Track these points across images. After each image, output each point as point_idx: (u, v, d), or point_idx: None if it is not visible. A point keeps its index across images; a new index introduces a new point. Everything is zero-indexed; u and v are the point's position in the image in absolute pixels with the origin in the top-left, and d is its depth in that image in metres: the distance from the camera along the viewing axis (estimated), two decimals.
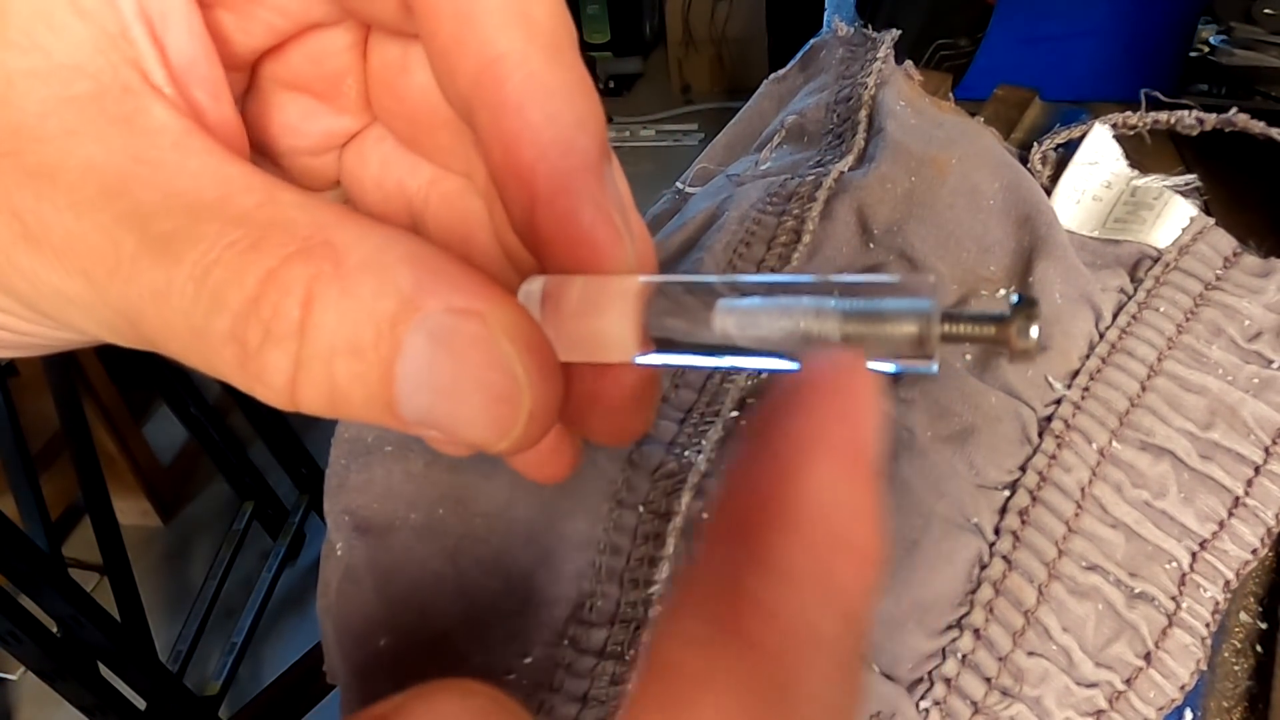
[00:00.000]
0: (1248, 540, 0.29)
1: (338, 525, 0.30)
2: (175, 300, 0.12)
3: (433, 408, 0.12)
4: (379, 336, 0.12)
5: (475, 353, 0.12)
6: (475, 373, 0.12)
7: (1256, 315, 0.32)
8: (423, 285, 0.12)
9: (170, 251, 0.12)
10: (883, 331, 0.12)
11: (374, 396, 0.12)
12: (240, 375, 0.12)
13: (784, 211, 0.37)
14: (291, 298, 0.12)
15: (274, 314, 0.12)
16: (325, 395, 0.12)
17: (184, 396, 1.23)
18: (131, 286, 0.12)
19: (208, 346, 0.12)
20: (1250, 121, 0.36)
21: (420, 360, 0.12)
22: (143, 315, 0.12)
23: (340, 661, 0.29)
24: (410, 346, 0.12)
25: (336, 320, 0.12)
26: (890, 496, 0.29)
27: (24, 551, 0.82)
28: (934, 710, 0.27)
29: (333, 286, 0.12)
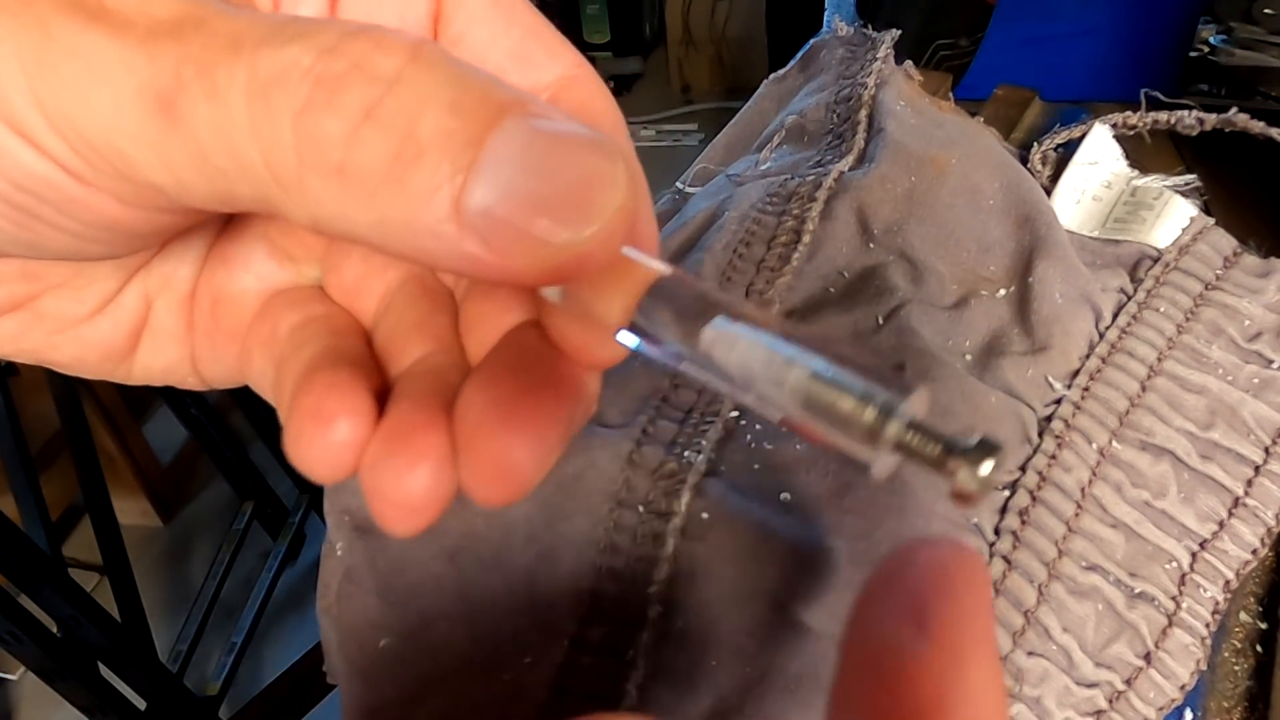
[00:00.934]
0: (1248, 540, 0.29)
1: (338, 525, 0.30)
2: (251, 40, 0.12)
3: (515, 184, 0.11)
4: (483, 104, 0.12)
5: (576, 142, 0.12)
6: (574, 153, 0.12)
7: (1256, 315, 0.32)
8: (528, 98, 0.12)
9: (282, 34, 0.12)
10: (840, 408, 0.12)
11: (451, 161, 0.11)
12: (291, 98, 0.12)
13: (784, 211, 0.37)
14: (393, 48, 0.12)
15: (373, 50, 0.11)
16: (389, 153, 0.11)
17: (184, 396, 1.23)
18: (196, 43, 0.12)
19: (276, 75, 0.11)
20: (1250, 121, 0.36)
21: (518, 138, 0.12)
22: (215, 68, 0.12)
23: (341, 662, 0.29)
24: (510, 126, 0.12)
25: (440, 80, 0.11)
26: (890, 496, 0.29)
27: (24, 551, 0.82)
28: None
29: (442, 57, 0.12)
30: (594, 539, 0.29)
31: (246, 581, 1.30)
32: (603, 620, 0.28)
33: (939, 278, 0.35)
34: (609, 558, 0.29)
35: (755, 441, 0.31)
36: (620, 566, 0.29)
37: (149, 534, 1.45)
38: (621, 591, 0.28)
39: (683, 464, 0.31)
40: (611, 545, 0.29)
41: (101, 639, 0.90)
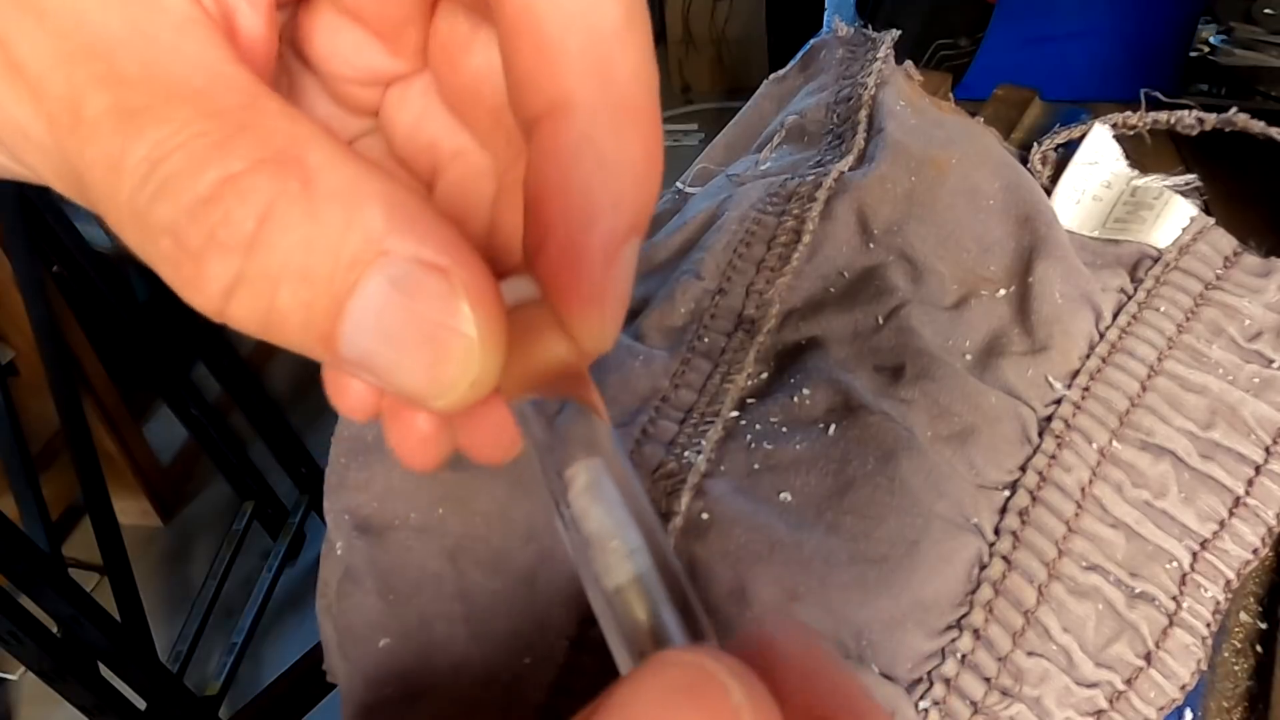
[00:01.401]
0: (1249, 540, 0.29)
1: (337, 524, 0.30)
2: (125, 176, 0.12)
3: (375, 352, 0.12)
4: (335, 269, 0.12)
5: (433, 308, 0.12)
6: (429, 327, 0.12)
7: (1257, 315, 0.32)
8: (394, 228, 0.12)
9: (134, 124, 0.12)
10: (634, 621, 0.12)
11: (314, 327, 0.12)
12: (171, 273, 0.12)
13: (784, 211, 0.37)
14: (248, 208, 0.11)
15: (224, 220, 0.11)
16: (260, 316, 0.12)
17: (184, 396, 1.23)
18: (88, 148, 0.12)
19: (144, 232, 0.12)
20: (1250, 121, 0.36)
21: (374, 303, 0.12)
22: (90, 179, 0.12)
23: (341, 661, 0.29)
24: (367, 287, 0.12)
25: (294, 244, 0.11)
26: (890, 496, 0.29)
27: (24, 551, 0.82)
28: (933, 710, 0.27)
29: (297, 207, 0.11)
30: None
31: (246, 581, 1.30)
32: None
33: (939, 278, 0.35)
34: None
35: (755, 441, 0.31)
36: None
37: (149, 534, 1.45)
38: None
39: (683, 464, 0.31)
40: None
41: (101, 639, 0.90)
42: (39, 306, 1.00)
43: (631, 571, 0.12)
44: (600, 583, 0.12)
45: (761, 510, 0.29)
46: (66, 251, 1.06)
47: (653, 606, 0.12)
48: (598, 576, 0.13)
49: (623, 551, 0.13)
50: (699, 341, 0.35)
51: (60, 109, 0.12)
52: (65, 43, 0.12)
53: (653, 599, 0.12)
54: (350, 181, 0.12)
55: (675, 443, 0.32)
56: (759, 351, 0.34)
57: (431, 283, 0.12)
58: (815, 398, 0.32)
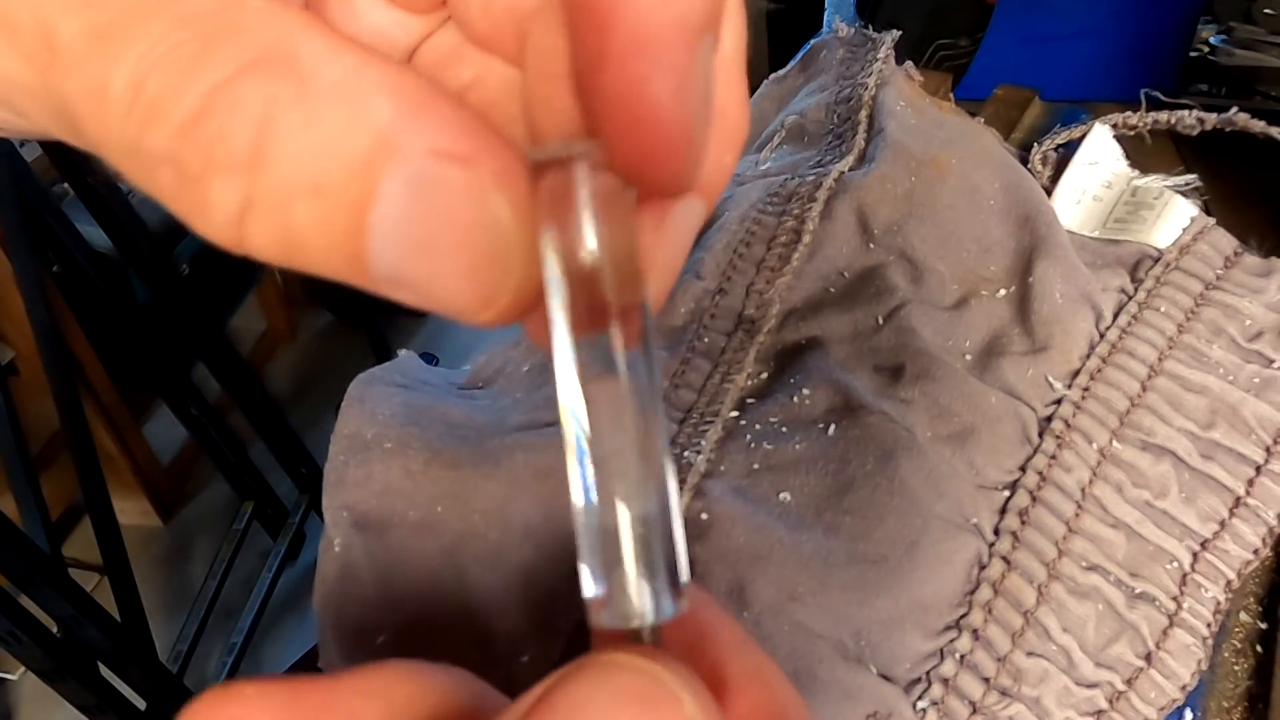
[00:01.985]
0: (1249, 540, 0.29)
1: (336, 522, 0.30)
2: (111, 105, 0.10)
3: (408, 264, 0.11)
4: (349, 177, 0.10)
5: (461, 205, 0.11)
6: (460, 228, 0.11)
7: (1257, 315, 0.32)
8: (404, 120, 0.10)
9: (108, 47, 0.10)
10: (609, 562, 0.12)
11: (339, 246, 0.11)
12: (177, 205, 0.11)
13: (784, 211, 0.37)
14: (242, 119, 0.10)
15: (219, 137, 0.10)
16: (279, 240, 0.11)
17: (184, 396, 1.23)
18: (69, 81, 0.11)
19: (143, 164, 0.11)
20: (1250, 121, 0.36)
21: (396, 208, 0.10)
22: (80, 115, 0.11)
23: (338, 658, 0.29)
24: (386, 192, 0.10)
25: (297, 153, 0.10)
26: (890, 497, 0.29)
27: (24, 551, 0.82)
28: (931, 710, 0.27)
29: (295, 111, 0.10)
30: None
31: (246, 581, 1.30)
32: None
33: (939, 278, 0.35)
34: None
35: (755, 441, 0.31)
36: None
37: (149, 534, 1.45)
38: None
39: (682, 464, 0.31)
40: None
41: (101, 639, 0.90)
42: (39, 306, 1.00)
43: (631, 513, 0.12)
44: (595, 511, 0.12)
45: (761, 510, 0.29)
46: (66, 251, 1.06)
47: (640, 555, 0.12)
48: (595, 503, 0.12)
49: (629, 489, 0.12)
50: (699, 341, 0.35)
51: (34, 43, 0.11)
52: None
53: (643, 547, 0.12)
54: (350, 72, 0.11)
55: (675, 442, 0.32)
56: (759, 351, 0.34)
57: (453, 176, 0.11)
58: (815, 398, 0.32)
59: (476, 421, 0.32)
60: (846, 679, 0.27)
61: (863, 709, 0.26)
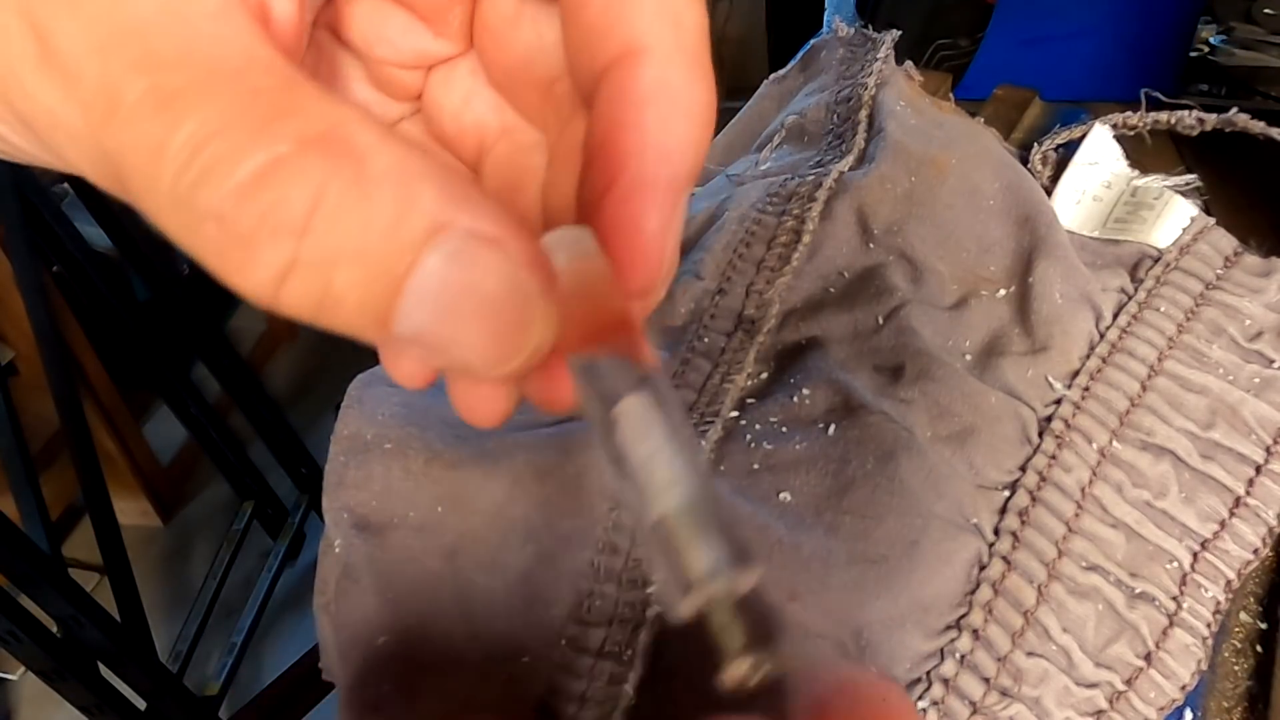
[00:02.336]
0: (1249, 540, 0.29)
1: (336, 523, 0.30)
2: (167, 162, 0.11)
3: (433, 328, 0.12)
4: (394, 250, 0.12)
5: (494, 278, 0.12)
6: (489, 299, 0.12)
7: (1257, 315, 0.32)
8: (446, 205, 0.12)
9: (174, 109, 0.11)
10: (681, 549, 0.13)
11: (370, 309, 0.12)
12: (217, 259, 0.12)
13: (784, 211, 0.37)
14: (301, 190, 0.11)
15: (277, 203, 0.11)
16: (315, 300, 0.12)
17: (184, 396, 1.23)
18: (126, 135, 0.12)
19: (187, 219, 0.12)
20: (1250, 121, 0.36)
21: (434, 280, 0.12)
22: (130, 167, 0.12)
23: (338, 659, 0.29)
24: (427, 264, 0.12)
25: (350, 226, 0.11)
26: (890, 497, 0.29)
27: (24, 551, 0.82)
28: (931, 710, 0.27)
29: (351, 189, 0.11)
30: (593, 539, 0.29)
31: (246, 581, 1.30)
32: (601, 621, 0.28)
33: (939, 278, 0.35)
34: (608, 558, 0.29)
35: (755, 441, 0.31)
36: (619, 567, 0.28)
37: (149, 534, 1.45)
38: (620, 592, 0.28)
39: None
40: (610, 545, 0.29)
41: (101, 639, 0.90)
42: (39, 306, 1.00)
43: (673, 501, 0.13)
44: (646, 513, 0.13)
45: (761, 510, 0.29)
46: (66, 251, 1.06)
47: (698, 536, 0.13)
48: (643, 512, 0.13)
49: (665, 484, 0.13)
50: (699, 341, 0.35)
51: (96, 96, 0.12)
52: (100, 28, 0.11)
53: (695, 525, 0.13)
54: (400, 161, 0.12)
55: None
56: (759, 351, 0.34)
57: (488, 255, 0.12)
58: (815, 398, 0.32)
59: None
60: None
61: None
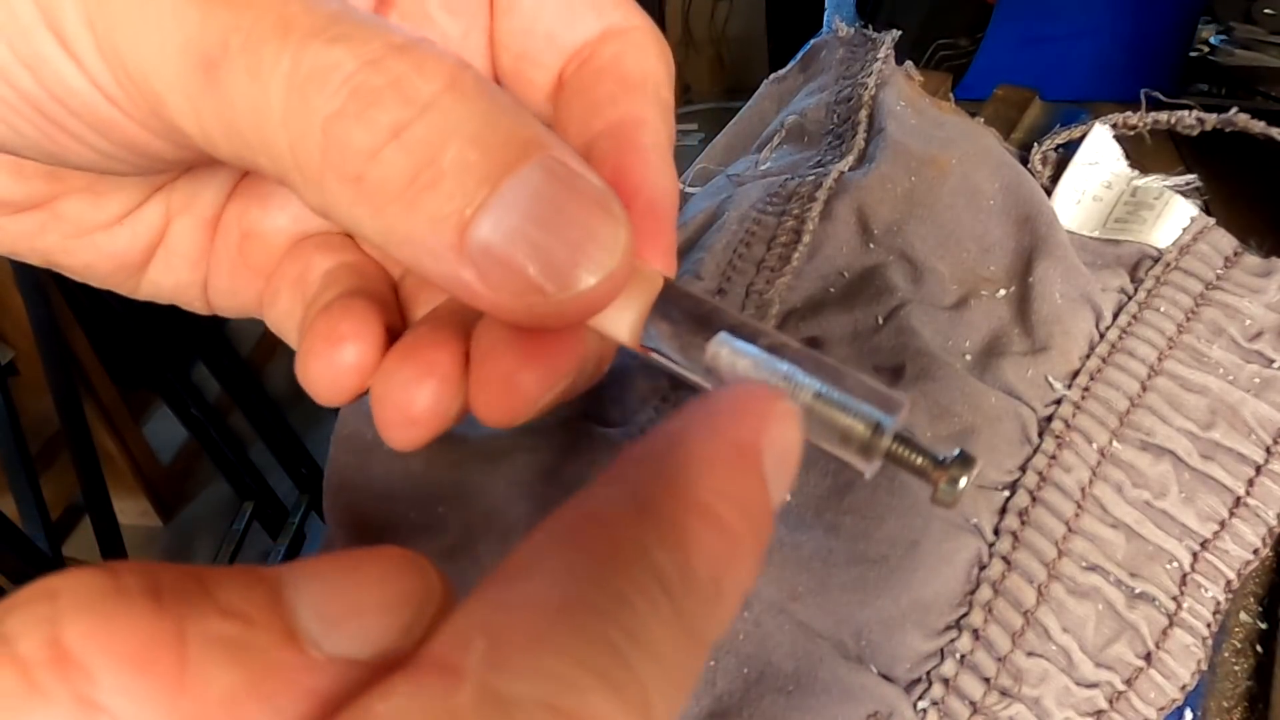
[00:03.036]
0: (1249, 540, 0.29)
1: (337, 523, 0.30)
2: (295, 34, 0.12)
3: (520, 233, 0.12)
4: (506, 144, 0.12)
5: (587, 198, 0.13)
6: (583, 212, 0.13)
7: (1257, 315, 0.32)
8: (550, 136, 0.13)
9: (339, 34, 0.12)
10: (840, 421, 0.14)
11: (458, 202, 0.12)
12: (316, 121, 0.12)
13: (784, 211, 0.37)
14: (433, 69, 0.12)
15: (414, 69, 0.12)
16: (408, 174, 0.12)
17: (184, 396, 1.23)
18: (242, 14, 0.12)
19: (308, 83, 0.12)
20: (1250, 121, 0.36)
21: (530, 186, 0.12)
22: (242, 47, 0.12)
23: None
24: (527, 170, 0.12)
25: (472, 111, 0.12)
26: (890, 496, 0.29)
27: (24, 551, 0.82)
28: (931, 710, 0.27)
29: (477, 83, 0.12)
30: None
31: None
32: None
33: (939, 278, 0.35)
34: None
35: None
36: None
37: (149, 534, 1.45)
38: None
39: None
40: None
41: None
42: (39, 306, 1.00)
43: (805, 392, 0.14)
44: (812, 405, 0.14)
45: None
46: None
47: (847, 404, 0.14)
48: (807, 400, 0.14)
49: (789, 382, 0.14)
50: None
51: None
52: None
53: (835, 401, 0.14)
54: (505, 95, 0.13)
55: None
56: None
57: (581, 177, 0.13)
58: None
59: (477, 422, 0.32)
60: (847, 679, 0.27)
61: (863, 709, 0.26)
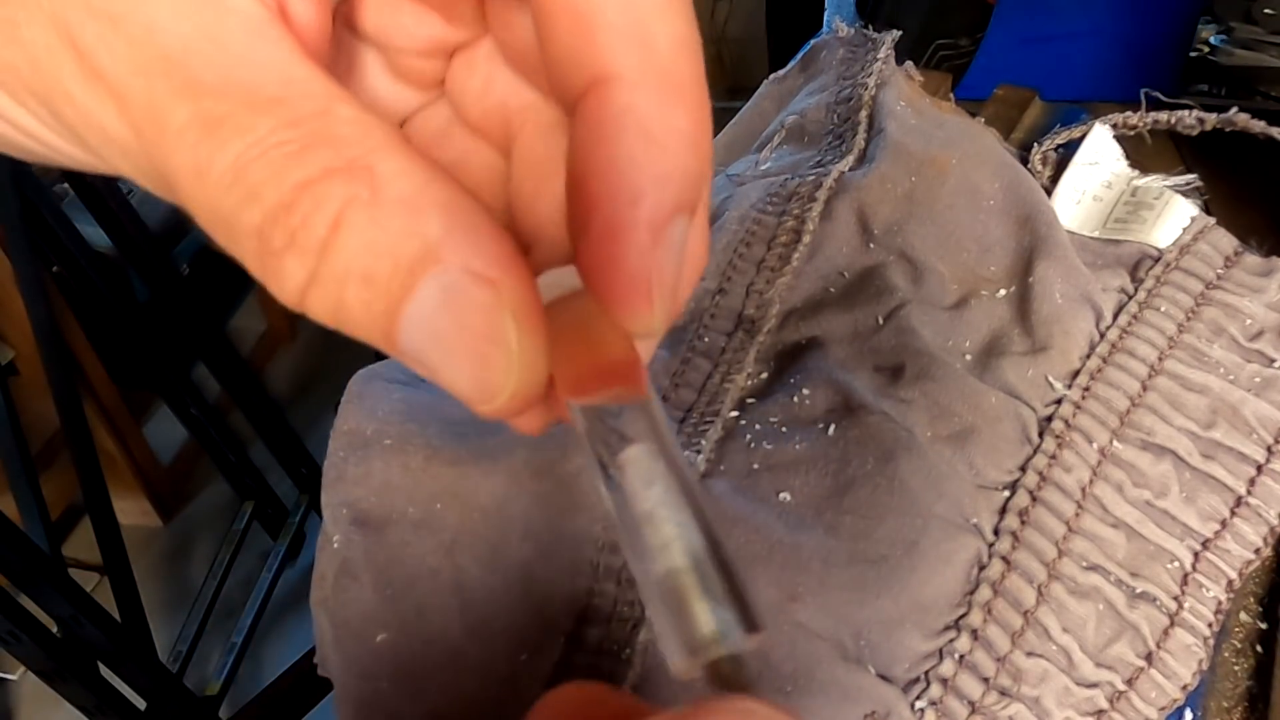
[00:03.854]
0: (1250, 539, 0.28)
1: (335, 518, 0.30)
2: (212, 183, 0.12)
3: (428, 351, 0.13)
4: (394, 275, 0.12)
5: (478, 320, 0.13)
6: (473, 338, 0.13)
7: (1258, 314, 0.32)
8: (450, 237, 0.12)
9: (218, 135, 0.12)
10: (691, 606, 0.12)
11: (377, 325, 0.13)
12: (257, 269, 0.13)
13: (784, 211, 0.37)
14: (322, 213, 0.12)
15: (302, 225, 0.12)
16: (331, 311, 0.13)
17: (184, 396, 1.23)
18: (175, 157, 0.12)
19: (233, 234, 0.13)
20: (1250, 121, 0.36)
21: (427, 308, 0.12)
22: (180, 184, 0.13)
23: (336, 656, 0.29)
24: (421, 292, 0.12)
25: (358, 248, 0.12)
26: (890, 497, 0.29)
27: (24, 551, 0.82)
28: (930, 710, 0.27)
29: (364, 213, 0.12)
30: (592, 537, 0.29)
31: (246, 581, 1.30)
32: (600, 619, 0.28)
33: (939, 278, 0.35)
34: (607, 556, 0.29)
35: (755, 441, 0.31)
36: (618, 565, 0.28)
37: (149, 534, 1.45)
38: (619, 590, 0.28)
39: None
40: (610, 544, 0.29)
41: (101, 639, 0.90)
42: (39, 306, 1.00)
43: (680, 559, 0.12)
44: (648, 571, 0.13)
45: (760, 510, 0.29)
46: (66, 251, 1.06)
47: (701, 592, 0.12)
48: (647, 565, 0.13)
49: (672, 538, 0.13)
50: (699, 341, 0.35)
51: (144, 118, 0.12)
52: (141, 51, 0.12)
53: (702, 584, 0.12)
54: (415, 190, 0.12)
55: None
56: (759, 351, 0.34)
57: (479, 294, 0.13)
58: (815, 398, 0.32)
59: (476, 419, 0.32)
60: (845, 679, 0.27)
61: (861, 709, 0.26)
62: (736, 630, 0.12)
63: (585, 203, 0.14)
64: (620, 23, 0.13)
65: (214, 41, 0.12)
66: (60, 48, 0.12)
